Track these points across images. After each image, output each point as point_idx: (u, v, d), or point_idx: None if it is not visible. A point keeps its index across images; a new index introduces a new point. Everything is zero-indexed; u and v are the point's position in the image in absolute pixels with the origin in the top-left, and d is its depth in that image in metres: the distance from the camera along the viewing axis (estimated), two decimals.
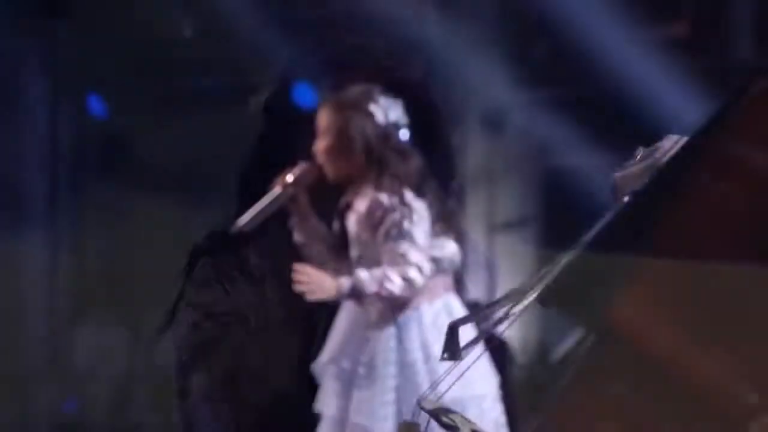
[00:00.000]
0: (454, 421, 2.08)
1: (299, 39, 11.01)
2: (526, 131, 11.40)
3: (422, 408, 1.90)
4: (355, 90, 5.51)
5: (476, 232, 11.29)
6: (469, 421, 2.12)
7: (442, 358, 2.13)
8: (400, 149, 5.49)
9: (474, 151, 11.54)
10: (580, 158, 10.89)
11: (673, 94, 10.26)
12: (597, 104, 10.61)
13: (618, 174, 2.56)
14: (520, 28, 11.24)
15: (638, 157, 2.81)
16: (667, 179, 1.91)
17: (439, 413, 2.03)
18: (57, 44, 12.16)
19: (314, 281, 5.23)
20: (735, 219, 1.75)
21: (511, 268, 11.63)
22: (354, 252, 5.41)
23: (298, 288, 5.24)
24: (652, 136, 8.02)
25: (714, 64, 10.63)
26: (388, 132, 5.40)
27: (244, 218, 5.33)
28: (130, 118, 12.65)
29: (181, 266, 12.40)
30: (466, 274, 8.50)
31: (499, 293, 10.63)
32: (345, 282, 5.20)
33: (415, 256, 5.30)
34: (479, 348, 4.26)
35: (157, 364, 11.59)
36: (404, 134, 5.61)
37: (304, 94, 10.67)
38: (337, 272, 5.32)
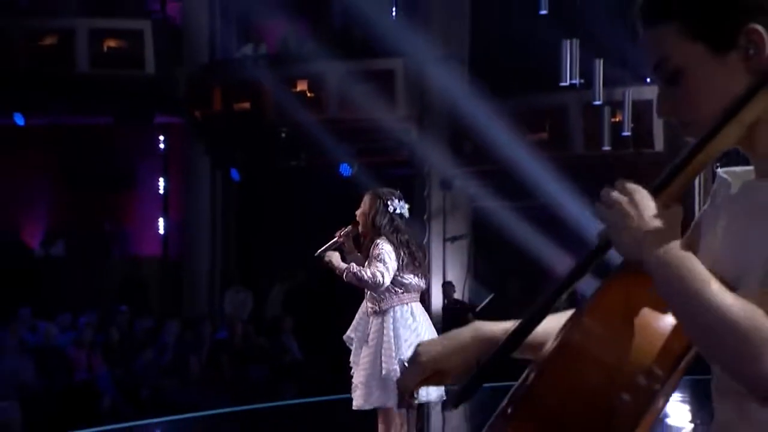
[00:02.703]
0: None
1: (342, 139, 16.74)
2: (463, 188, 17.06)
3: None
4: (378, 189, 7.37)
5: (437, 242, 17.51)
6: None
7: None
8: (395, 219, 7.16)
9: (435, 198, 17.59)
10: (494, 202, 16.50)
11: (541, 172, 15.54)
12: (502, 175, 15.82)
13: None
14: (456, 133, 16.95)
15: None
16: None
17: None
18: (215, 137, 17.64)
19: (333, 259, 7.14)
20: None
21: (455, 261, 17.54)
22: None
23: (326, 259, 7.22)
24: (532, 191, 13.37)
25: (563, 155, 16.05)
26: (392, 216, 7.13)
27: (321, 250, 7.15)
28: (254, 182, 18.14)
29: (275, 263, 17.69)
30: (427, 292, 11.66)
31: (446, 276, 15.50)
32: (343, 266, 7.08)
33: (377, 273, 6.96)
34: (428, 326, 7.37)
35: (267, 313, 17.27)
36: (404, 214, 7.35)
37: (345, 169, 16.97)
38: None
